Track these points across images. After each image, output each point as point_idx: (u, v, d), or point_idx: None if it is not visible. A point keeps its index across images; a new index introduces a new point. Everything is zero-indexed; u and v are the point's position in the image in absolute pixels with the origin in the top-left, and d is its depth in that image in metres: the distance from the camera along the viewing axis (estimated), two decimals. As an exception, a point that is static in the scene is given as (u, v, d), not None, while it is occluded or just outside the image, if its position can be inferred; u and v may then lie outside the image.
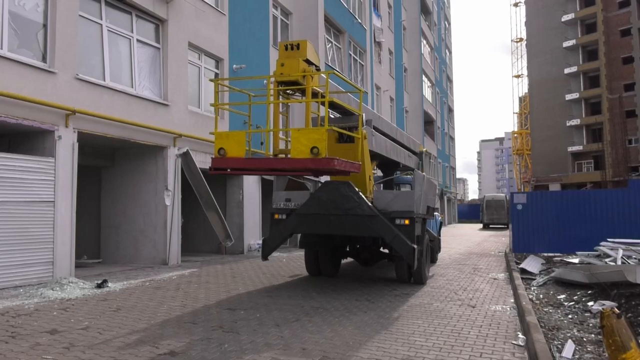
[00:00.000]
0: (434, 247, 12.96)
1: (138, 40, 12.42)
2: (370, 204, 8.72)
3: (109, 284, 9.28)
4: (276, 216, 9.58)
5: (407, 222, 8.68)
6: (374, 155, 10.48)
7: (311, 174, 8.31)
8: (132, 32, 12.25)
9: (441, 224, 15.68)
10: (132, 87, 12.05)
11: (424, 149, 14.89)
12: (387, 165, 12.57)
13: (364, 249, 10.87)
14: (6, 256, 8.87)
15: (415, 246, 8.48)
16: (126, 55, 12.12)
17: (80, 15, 10.68)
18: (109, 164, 13.31)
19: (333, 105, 9.26)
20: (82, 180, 10.88)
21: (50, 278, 9.52)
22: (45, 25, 10.00)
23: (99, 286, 9.08)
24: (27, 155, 9.47)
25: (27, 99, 9.22)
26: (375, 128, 10.33)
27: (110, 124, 11.12)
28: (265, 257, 9.62)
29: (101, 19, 11.40)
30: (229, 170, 8.24)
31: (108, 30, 11.55)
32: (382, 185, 12.47)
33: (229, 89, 11.31)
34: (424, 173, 10.72)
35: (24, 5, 9.66)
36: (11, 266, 8.94)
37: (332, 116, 9.74)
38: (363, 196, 8.74)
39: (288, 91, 8.68)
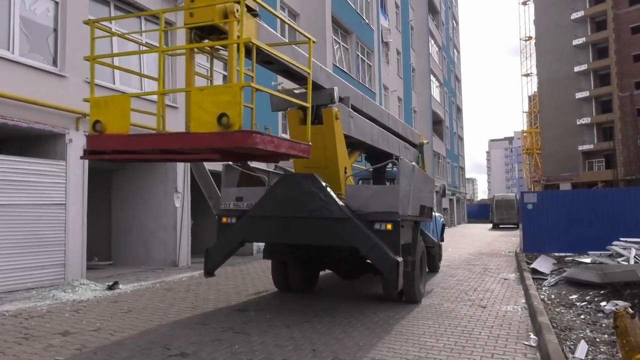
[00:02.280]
0: (434, 253, 11.35)
1: (147, 43, 12.46)
2: (341, 203, 6.82)
3: (120, 286, 9.35)
4: (224, 220, 7.61)
5: (389, 226, 6.70)
6: (357, 144, 8.50)
7: (231, 159, 5.78)
8: (140, 35, 12.32)
9: (444, 227, 13.88)
10: (142, 90, 12.11)
11: (425, 141, 12.76)
12: (377, 157, 9.92)
13: (342, 260, 8.67)
14: (19, 258, 8.96)
15: (400, 259, 6.55)
16: (135, 58, 12.20)
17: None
18: (119, 166, 13.40)
19: (290, 73, 6.88)
20: (92, 183, 10.96)
21: (62, 280, 9.60)
22: (55, 30, 10.10)
23: (110, 288, 9.15)
24: (38, 159, 9.57)
25: (38, 103, 9.31)
26: (356, 109, 8.32)
27: (120, 127, 11.17)
28: (208, 272, 7.47)
29: (110, 23, 11.48)
30: (109, 153, 5.75)
31: (117, 33, 11.61)
32: (371, 181, 10.68)
33: (109, 34, 8.29)
34: (414, 164, 8.38)
35: (34, 10, 9.76)
36: (24, 268, 9.03)
37: (296, 91, 7.75)
38: (333, 193, 6.80)
39: (208, 41, 6.14)
